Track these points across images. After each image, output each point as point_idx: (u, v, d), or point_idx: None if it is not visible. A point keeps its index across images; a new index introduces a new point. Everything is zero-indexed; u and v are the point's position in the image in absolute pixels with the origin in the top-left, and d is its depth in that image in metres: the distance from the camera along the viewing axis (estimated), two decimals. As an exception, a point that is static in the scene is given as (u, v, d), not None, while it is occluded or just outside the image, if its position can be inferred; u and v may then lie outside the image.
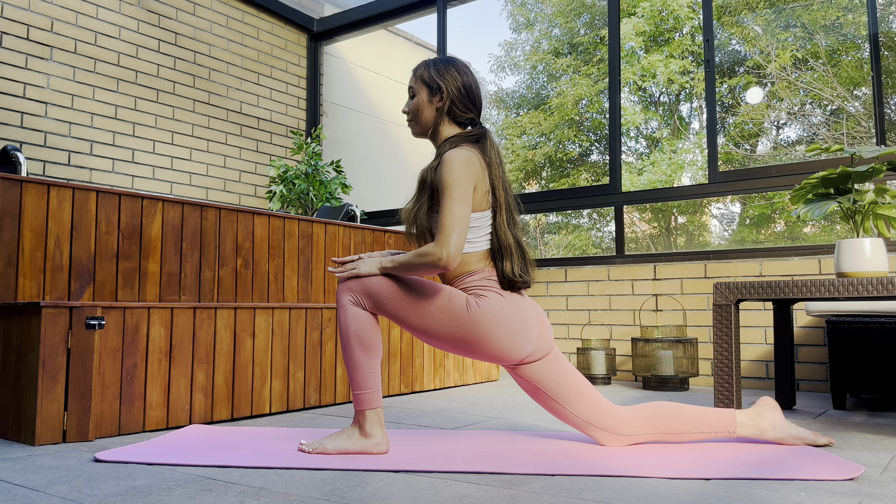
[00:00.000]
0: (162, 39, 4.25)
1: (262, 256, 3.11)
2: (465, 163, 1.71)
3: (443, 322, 1.75)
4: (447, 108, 1.86)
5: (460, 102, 1.86)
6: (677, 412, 1.83)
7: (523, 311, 1.80)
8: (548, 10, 11.91)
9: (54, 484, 1.50)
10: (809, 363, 3.18)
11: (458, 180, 1.69)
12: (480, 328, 1.75)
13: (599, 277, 3.80)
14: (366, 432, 1.77)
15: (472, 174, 1.73)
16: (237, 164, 4.62)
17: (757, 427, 1.82)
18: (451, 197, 1.69)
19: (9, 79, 3.53)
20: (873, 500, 1.34)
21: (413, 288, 1.77)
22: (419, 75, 1.90)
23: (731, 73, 9.59)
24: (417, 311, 1.76)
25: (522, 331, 1.78)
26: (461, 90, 1.86)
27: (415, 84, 1.91)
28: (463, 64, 1.90)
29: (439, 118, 1.88)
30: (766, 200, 9.14)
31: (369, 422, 1.77)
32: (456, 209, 1.68)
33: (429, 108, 1.88)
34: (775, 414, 1.84)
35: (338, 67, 5.64)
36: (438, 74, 1.87)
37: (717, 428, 1.82)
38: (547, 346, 1.86)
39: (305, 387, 2.68)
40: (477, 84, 1.91)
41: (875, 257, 2.07)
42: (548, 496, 1.38)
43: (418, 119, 1.90)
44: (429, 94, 1.88)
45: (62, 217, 2.47)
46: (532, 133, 11.54)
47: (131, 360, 2.16)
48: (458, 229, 1.67)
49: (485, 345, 1.76)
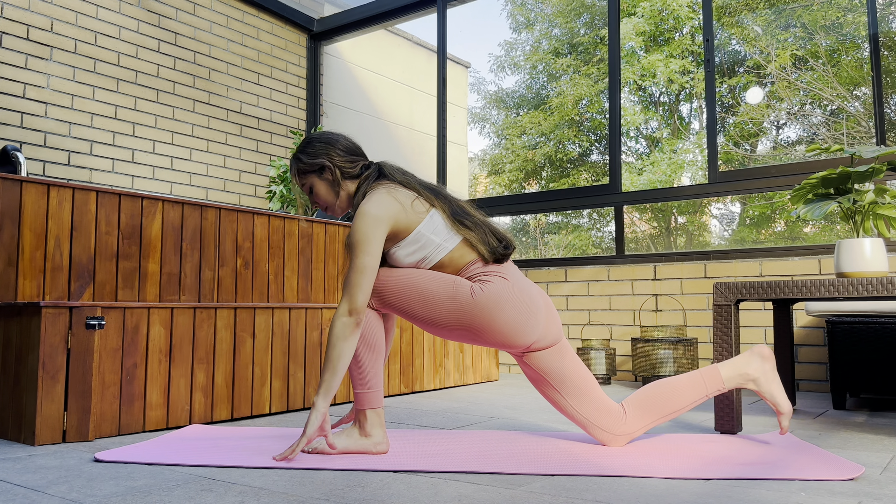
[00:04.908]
0: (162, 39, 4.25)
1: (262, 256, 3.11)
2: (371, 214, 1.76)
3: (449, 311, 1.76)
4: (340, 174, 1.90)
5: (344, 161, 1.91)
6: (670, 387, 1.85)
7: (529, 295, 1.81)
8: (548, 10, 11.91)
9: (54, 484, 1.50)
10: (809, 363, 3.18)
11: (362, 237, 1.74)
12: (486, 313, 1.75)
13: (599, 277, 3.80)
14: (366, 432, 1.77)
15: (381, 217, 1.77)
16: (237, 164, 4.63)
17: (743, 375, 1.85)
18: (356, 255, 1.75)
19: (9, 79, 3.53)
20: (873, 500, 1.34)
21: (418, 280, 1.78)
22: (299, 170, 1.93)
23: (731, 73, 9.59)
24: (424, 302, 1.76)
25: (529, 313, 1.79)
26: (337, 151, 1.91)
27: (303, 180, 1.94)
28: (318, 133, 1.95)
29: (343, 187, 1.92)
30: (766, 200, 9.14)
31: (370, 422, 1.77)
32: (360, 266, 1.73)
33: (329, 187, 1.92)
34: (766, 365, 1.85)
35: (338, 67, 5.64)
36: (312, 156, 1.91)
37: (707, 390, 1.84)
38: (555, 333, 1.86)
39: (305, 387, 2.68)
40: (342, 136, 1.96)
41: (875, 257, 2.07)
42: (548, 496, 1.38)
43: (332, 202, 1.94)
44: (319, 177, 1.92)
45: (62, 217, 2.47)
46: (532, 133, 11.54)
47: (131, 360, 2.16)
48: (362, 287, 1.72)
49: (492, 329, 1.77)
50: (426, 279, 1.78)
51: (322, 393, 1.70)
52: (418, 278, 1.78)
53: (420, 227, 1.80)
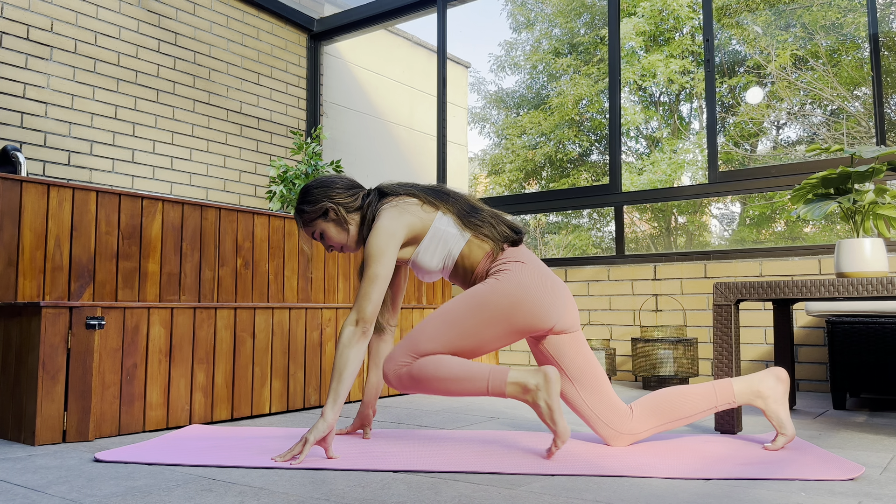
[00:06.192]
0: (162, 39, 4.25)
1: (262, 256, 3.11)
2: (386, 228, 1.80)
3: (483, 319, 1.78)
4: (344, 211, 1.92)
5: (346, 198, 1.94)
6: (681, 393, 1.84)
7: (548, 275, 1.85)
8: (548, 10, 11.91)
9: (54, 484, 1.50)
10: (809, 363, 3.18)
11: (377, 251, 1.78)
12: (511, 298, 1.77)
13: (599, 277, 3.80)
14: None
15: (396, 230, 1.81)
16: (237, 164, 4.62)
17: (755, 392, 1.82)
18: (369, 266, 1.78)
19: (9, 79, 3.53)
20: (873, 500, 1.34)
21: (446, 319, 1.79)
22: (305, 221, 1.95)
23: (731, 73, 9.59)
24: (462, 334, 1.78)
25: (553, 290, 1.82)
26: (336, 190, 1.93)
27: (311, 229, 1.96)
28: (312, 180, 1.98)
29: (350, 222, 1.94)
30: (766, 200, 9.14)
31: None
32: (372, 275, 1.76)
33: (337, 227, 1.94)
34: (779, 386, 1.82)
35: (338, 67, 5.64)
36: (313, 203, 1.93)
37: (717, 402, 1.83)
38: (573, 318, 1.88)
39: (305, 387, 2.68)
40: (336, 176, 1.99)
41: (875, 257, 2.07)
42: (548, 496, 1.38)
43: (345, 241, 1.96)
44: (325, 220, 1.93)
45: (62, 217, 2.47)
46: (532, 133, 11.54)
47: (131, 360, 2.16)
48: (371, 298, 1.75)
49: (521, 312, 1.78)
50: (454, 313, 1.79)
51: (329, 402, 1.70)
52: (448, 318, 1.79)
53: (434, 223, 1.86)
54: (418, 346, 1.77)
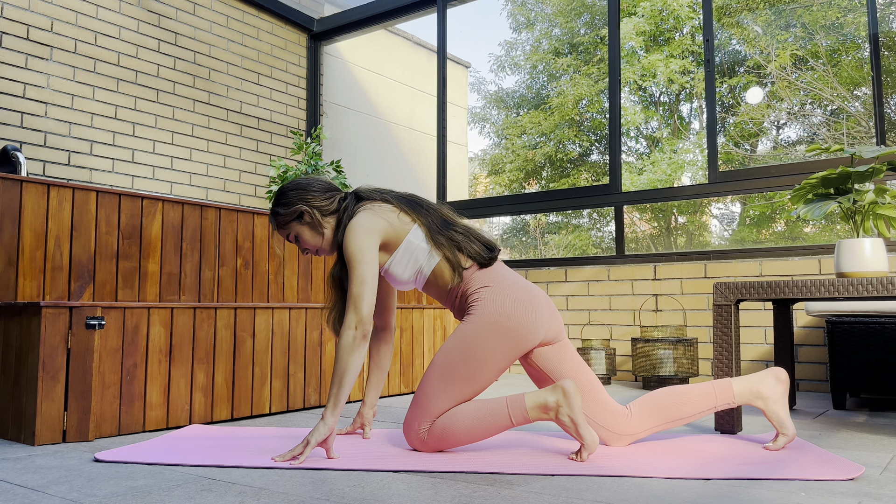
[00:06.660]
0: (162, 39, 4.25)
1: (262, 256, 3.11)
2: (360, 226, 1.79)
3: (479, 360, 1.76)
4: (319, 214, 1.91)
5: (322, 201, 1.92)
6: (681, 393, 1.84)
7: (523, 289, 1.83)
8: (548, 10, 11.91)
9: (54, 484, 1.50)
10: (809, 363, 3.18)
11: (357, 248, 1.77)
12: (497, 329, 1.77)
13: (599, 277, 3.80)
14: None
15: (371, 228, 1.80)
16: (237, 164, 4.63)
17: (754, 392, 1.82)
18: (354, 267, 1.76)
19: (9, 79, 3.53)
20: (873, 500, 1.34)
21: (444, 373, 1.77)
22: (279, 223, 1.93)
23: (731, 73, 9.59)
24: (465, 381, 1.77)
25: (531, 302, 1.81)
26: (311, 193, 1.92)
27: (285, 231, 1.94)
28: (288, 182, 1.96)
29: (325, 225, 1.92)
30: (766, 200, 9.14)
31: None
32: (360, 276, 1.75)
33: (312, 230, 1.92)
34: (779, 387, 1.81)
35: (338, 67, 5.64)
36: (287, 205, 1.91)
37: (716, 402, 1.83)
38: (559, 328, 1.88)
39: (305, 387, 2.68)
40: (312, 178, 1.97)
41: (875, 257, 2.07)
42: (548, 496, 1.38)
43: (320, 244, 1.94)
44: (300, 223, 1.92)
45: (62, 217, 2.47)
46: (532, 133, 11.54)
47: (131, 360, 2.16)
48: (365, 299, 1.74)
49: (511, 339, 1.77)
50: (452, 367, 1.77)
51: (329, 406, 1.70)
52: (448, 372, 1.78)
53: (409, 236, 1.84)
54: (430, 409, 1.76)
